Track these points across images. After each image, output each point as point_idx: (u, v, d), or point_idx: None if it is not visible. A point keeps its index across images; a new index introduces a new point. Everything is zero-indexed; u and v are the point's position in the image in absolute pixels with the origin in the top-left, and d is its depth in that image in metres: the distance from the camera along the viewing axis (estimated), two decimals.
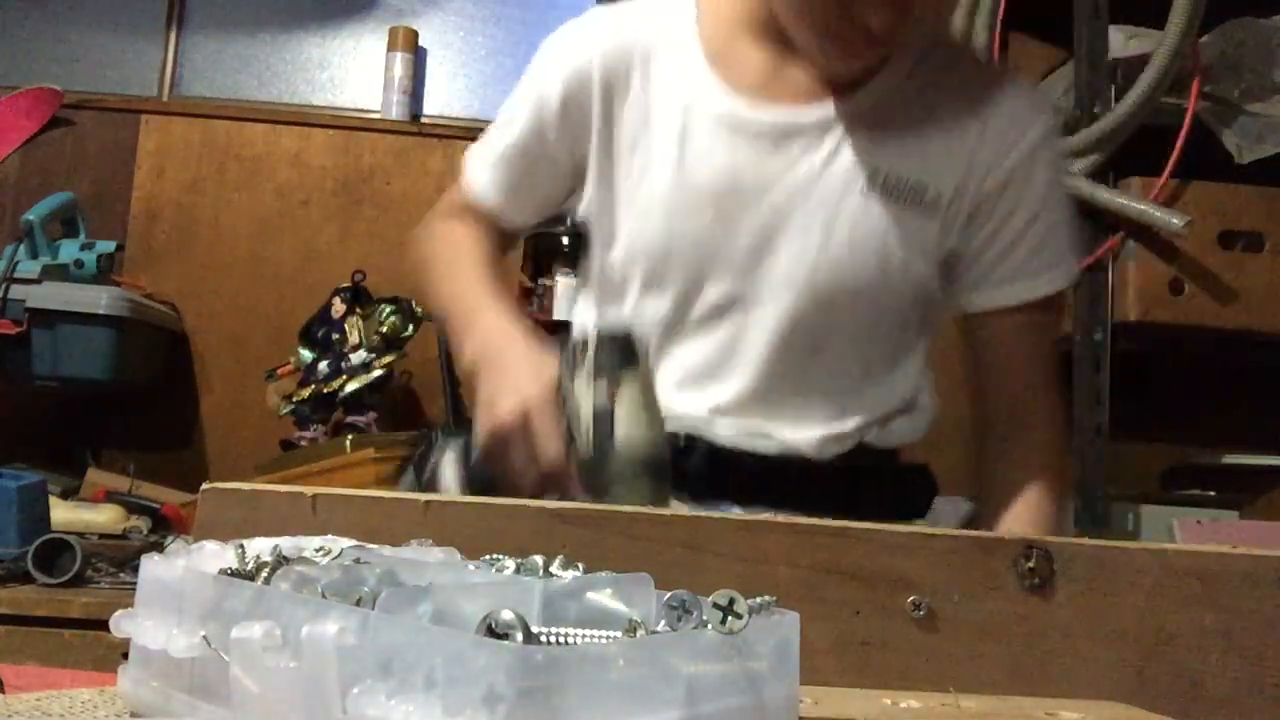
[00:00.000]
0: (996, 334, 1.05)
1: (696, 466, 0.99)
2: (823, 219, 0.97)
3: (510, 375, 0.88)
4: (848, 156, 0.98)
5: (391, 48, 2.41)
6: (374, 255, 2.28)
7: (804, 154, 0.98)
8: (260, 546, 0.49)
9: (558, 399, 0.85)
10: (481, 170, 1.10)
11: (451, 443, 0.95)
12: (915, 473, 1.07)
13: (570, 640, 0.38)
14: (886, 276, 0.98)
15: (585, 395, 0.84)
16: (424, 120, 2.42)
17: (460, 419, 2.11)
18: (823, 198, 0.98)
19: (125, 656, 0.48)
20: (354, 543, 0.51)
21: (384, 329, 2.06)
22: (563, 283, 1.86)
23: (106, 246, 2.06)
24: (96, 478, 1.99)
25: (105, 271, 2.05)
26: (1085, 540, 0.62)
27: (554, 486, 0.84)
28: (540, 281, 1.93)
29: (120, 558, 1.49)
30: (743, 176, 0.98)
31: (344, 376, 2.02)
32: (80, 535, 1.52)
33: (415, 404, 2.29)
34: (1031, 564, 0.61)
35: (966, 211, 1.00)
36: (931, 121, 0.99)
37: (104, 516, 1.68)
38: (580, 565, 0.49)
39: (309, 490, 0.63)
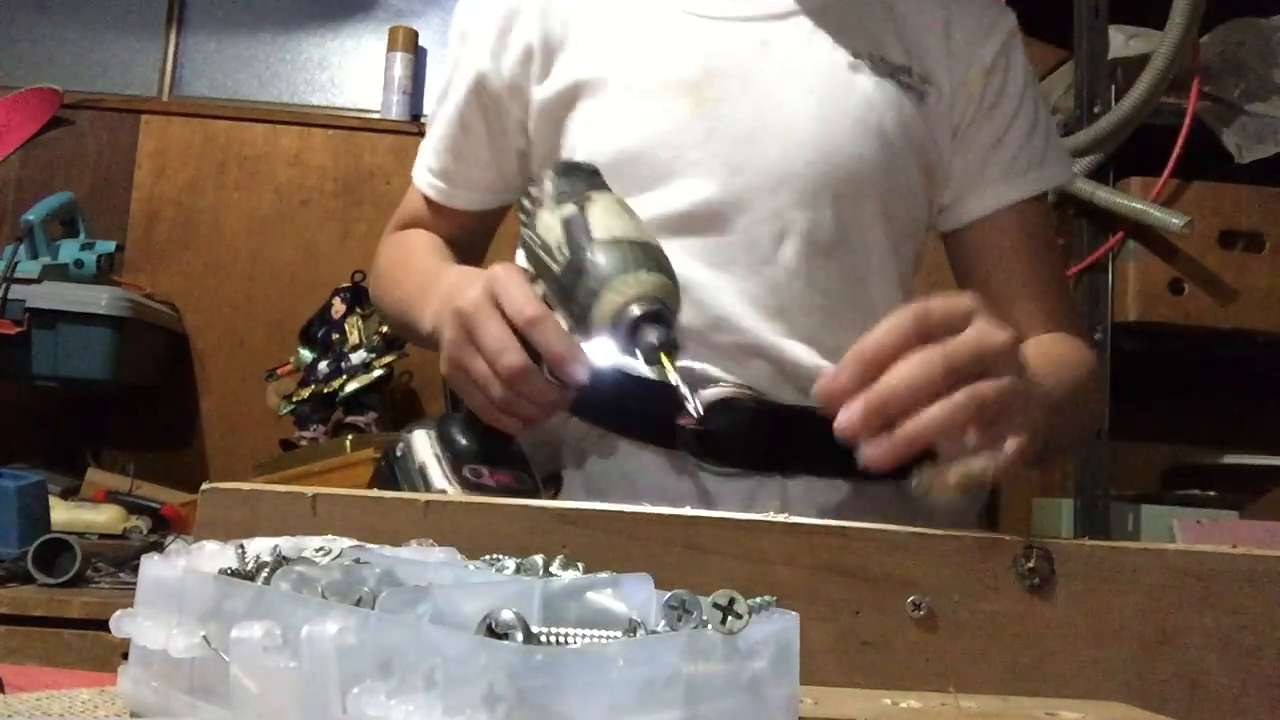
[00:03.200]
0: (993, 245, 0.97)
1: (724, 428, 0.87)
2: (814, 100, 0.90)
3: (468, 278, 0.78)
4: (826, 40, 0.92)
5: (391, 48, 2.41)
6: (374, 255, 2.28)
7: (782, 40, 0.92)
8: (260, 546, 0.49)
9: (526, 274, 0.75)
10: (422, 167, 1.04)
11: (415, 427, 0.86)
12: None
13: (570, 640, 0.38)
14: (891, 160, 0.90)
15: (552, 220, 0.73)
16: (424, 120, 2.41)
17: None
18: (810, 81, 0.90)
19: (125, 656, 0.48)
20: (354, 543, 0.51)
21: (384, 329, 2.05)
22: None
23: (106, 246, 2.05)
24: (96, 478, 1.99)
25: (105, 271, 2.05)
26: (1085, 540, 0.62)
27: (547, 343, 0.71)
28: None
29: (120, 558, 1.49)
30: (720, 63, 0.90)
31: (344, 376, 2.02)
32: (80, 535, 1.52)
33: (415, 404, 2.29)
34: (1031, 564, 0.61)
35: (949, 101, 0.95)
36: (897, 13, 0.95)
37: (104, 516, 1.68)
38: (580, 565, 0.49)
39: (309, 490, 0.63)
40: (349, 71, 2.50)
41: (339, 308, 2.10)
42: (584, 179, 0.76)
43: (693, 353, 0.88)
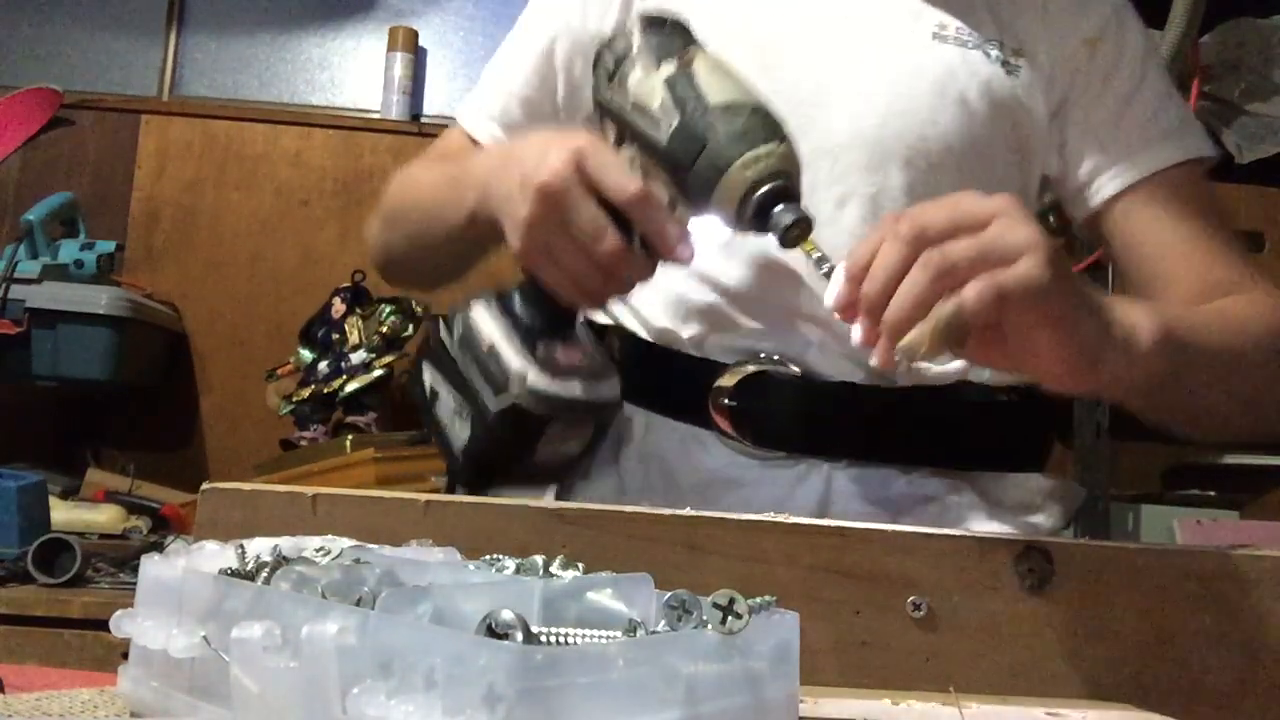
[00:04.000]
0: (1141, 221, 0.89)
1: (765, 408, 0.81)
2: (889, 67, 0.86)
3: (535, 147, 0.69)
4: (908, 9, 0.88)
5: (391, 48, 2.41)
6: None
7: (860, 7, 0.89)
8: (260, 546, 0.49)
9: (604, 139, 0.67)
10: (478, 111, 0.97)
11: (473, 299, 0.78)
12: (1027, 408, 0.88)
13: (570, 640, 0.38)
14: (973, 131, 0.85)
15: (651, 81, 0.66)
16: (424, 120, 2.42)
17: None
18: (884, 43, 0.87)
19: (125, 656, 0.48)
20: (354, 543, 0.51)
21: (384, 329, 2.06)
22: None
23: (106, 246, 2.05)
24: (96, 478, 1.99)
25: (105, 271, 2.05)
26: (1085, 540, 0.62)
27: (653, 221, 0.65)
28: None
29: (120, 558, 1.49)
30: (791, 27, 0.87)
31: (344, 376, 2.02)
32: (80, 535, 1.52)
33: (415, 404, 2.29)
34: (1031, 564, 0.61)
35: (1049, 75, 0.90)
36: None
37: (104, 516, 1.68)
38: (580, 565, 0.49)
39: (309, 490, 0.63)
40: (349, 71, 2.50)
41: (339, 308, 2.10)
42: (679, 34, 0.69)
43: (741, 315, 0.85)
